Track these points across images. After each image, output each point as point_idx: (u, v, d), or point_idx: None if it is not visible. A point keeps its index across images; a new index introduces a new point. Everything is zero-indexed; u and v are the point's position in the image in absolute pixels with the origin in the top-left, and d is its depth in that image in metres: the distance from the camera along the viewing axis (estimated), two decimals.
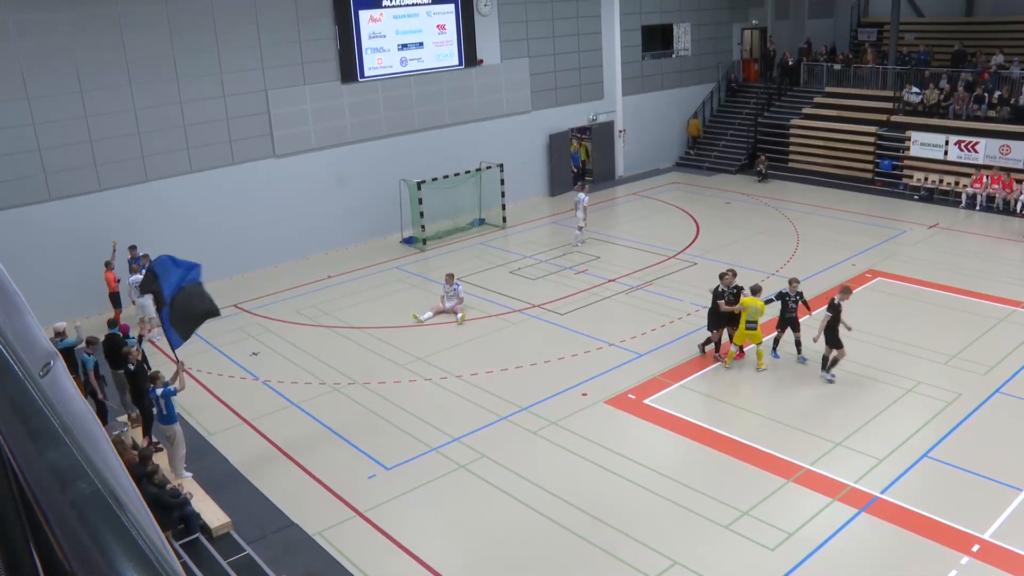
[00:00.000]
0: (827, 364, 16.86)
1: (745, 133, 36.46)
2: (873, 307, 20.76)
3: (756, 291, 17.29)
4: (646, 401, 16.38)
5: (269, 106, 24.25)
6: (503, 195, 28.25)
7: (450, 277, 20.80)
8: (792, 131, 35.49)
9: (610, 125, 34.04)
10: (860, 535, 12.36)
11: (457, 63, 28.45)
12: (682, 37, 36.37)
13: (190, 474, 14.11)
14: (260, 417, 16.30)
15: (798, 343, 17.52)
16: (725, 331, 17.90)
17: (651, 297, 21.65)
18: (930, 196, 30.82)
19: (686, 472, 14.01)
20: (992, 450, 14.42)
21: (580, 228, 25.93)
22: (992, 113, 31.19)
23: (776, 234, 26.73)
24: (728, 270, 17.98)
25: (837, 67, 37.25)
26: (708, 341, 18.06)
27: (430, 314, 20.63)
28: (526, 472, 14.03)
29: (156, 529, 1.29)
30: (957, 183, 30.45)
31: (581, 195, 26.02)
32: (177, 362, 14.04)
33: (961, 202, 29.80)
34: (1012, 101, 30.96)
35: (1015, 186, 28.73)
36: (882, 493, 13.24)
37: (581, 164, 34.16)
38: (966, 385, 16.36)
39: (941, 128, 31.55)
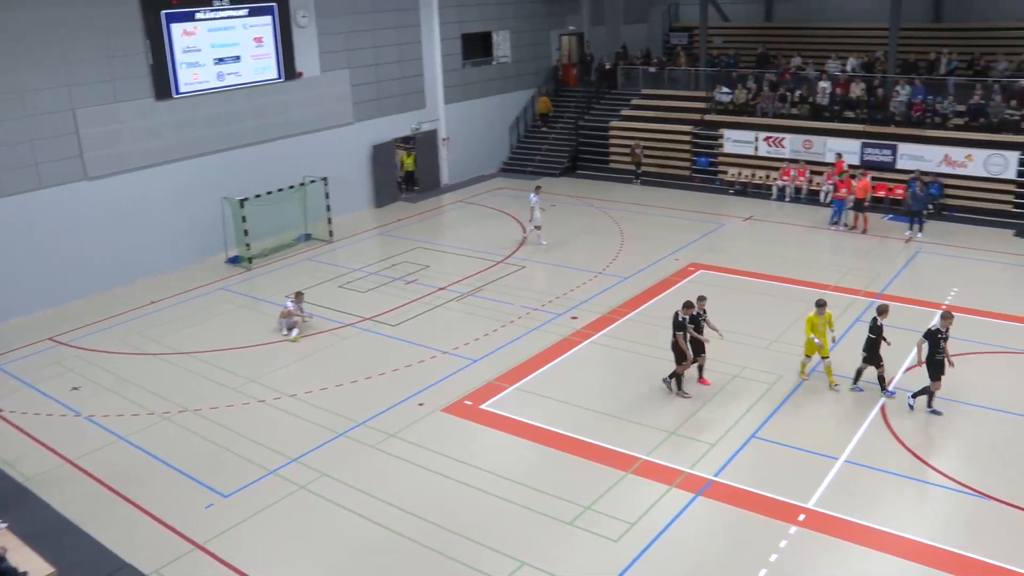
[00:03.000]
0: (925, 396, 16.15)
1: (567, 137, 37.44)
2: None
3: (821, 305, 16.74)
4: (483, 406, 16.64)
5: (78, 126, 23.11)
6: (328, 209, 27.94)
7: (300, 295, 20.54)
8: (612, 133, 36.70)
9: (434, 134, 34.22)
10: (698, 518, 13.06)
11: (277, 76, 27.94)
12: (501, 44, 36.97)
13: (4, 524, 13.29)
14: (85, 455, 15.55)
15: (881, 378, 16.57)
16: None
17: (482, 303, 21.95)
18: (744, 190, 32.68)
19: (527, 473, 14.34)
20: (811, 425, 15.62)
21: (538, 228, 26.51)
22: (795, 111, 33.34)
23: (601, 233, 27.58)
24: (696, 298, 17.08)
25: (652, 70, 38.84)
26: (675, 375, 16.89)
27: (284, 324, 20.34)
28: (368, 487, 14.02)
29: None
30: (768, 176, 32.35)
31: (533, 196, 26.45)
32: None
33: (772, 194, 31.69)
34: (811, 100, 33.14)
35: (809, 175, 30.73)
36: (716, 476, 14.04)
37: (404, 174, 34.12)
38: (785, 367, 17.46)
39: (750, 126, 33.49)
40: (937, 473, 14.03)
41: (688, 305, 16.64)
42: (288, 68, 28.19)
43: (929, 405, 15.85)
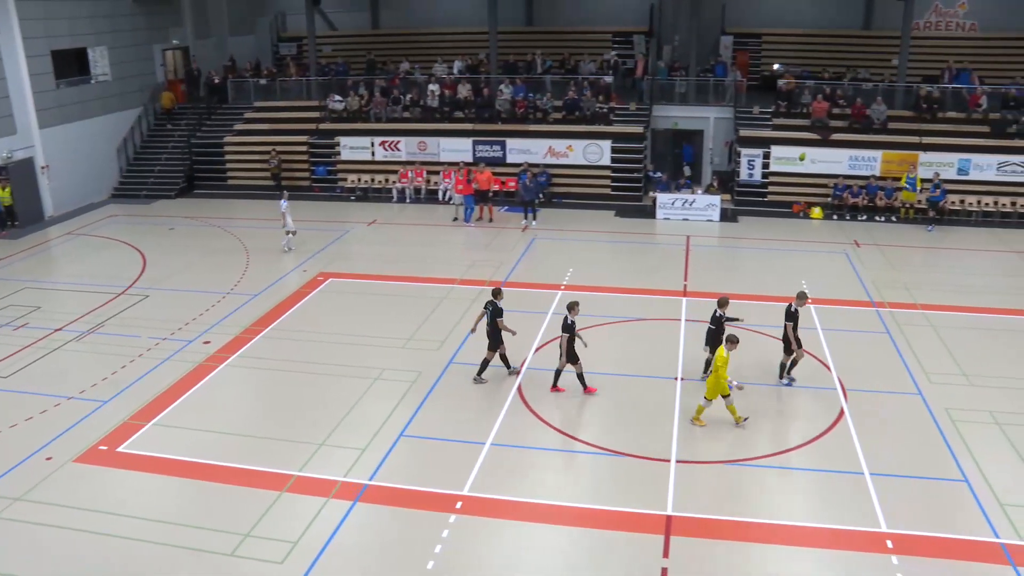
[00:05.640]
0: (786, 370, 17.26)
1: (180, 156, 35.94)
2: (329, 307, 22.01)
3: (735, 341, 15.40)
4: (120, 449, 15.56)
5: None
6: None
7: None
8: (227, 149, 35.76)
9: (30, 162, 31.33)
10: (360, 524, 13.16)
11: None
12: (99, 61, 34.61)
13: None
14: None
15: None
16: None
17: (106, 339, 20.51)
18: (365, 195, 33.32)
19: (179, 511, 13.63)
20: (457, 415, 16.34)
21: (292, 233, 26.67)
22: (407, 114, 34.52)
23: (226, 253, 26.87)
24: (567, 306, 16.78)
25: (263, 82, 38.40)
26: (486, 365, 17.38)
27: None
28: None
29: None
30: (387, 180, 33.20)
31: (283, 202, 26.63)
32: None
33: (393, 197, 32.63)
34: (421, 103, 34.45)
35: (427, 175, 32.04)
36: (371, 480, 14.23)
37: (4, 209, 30.90)
38: (424, 363, 18.02)
39: (365, 132, 34.26)
40: (574, 440, 15.31)
41: (498, 293, 17.22)
42: None
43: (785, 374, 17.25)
